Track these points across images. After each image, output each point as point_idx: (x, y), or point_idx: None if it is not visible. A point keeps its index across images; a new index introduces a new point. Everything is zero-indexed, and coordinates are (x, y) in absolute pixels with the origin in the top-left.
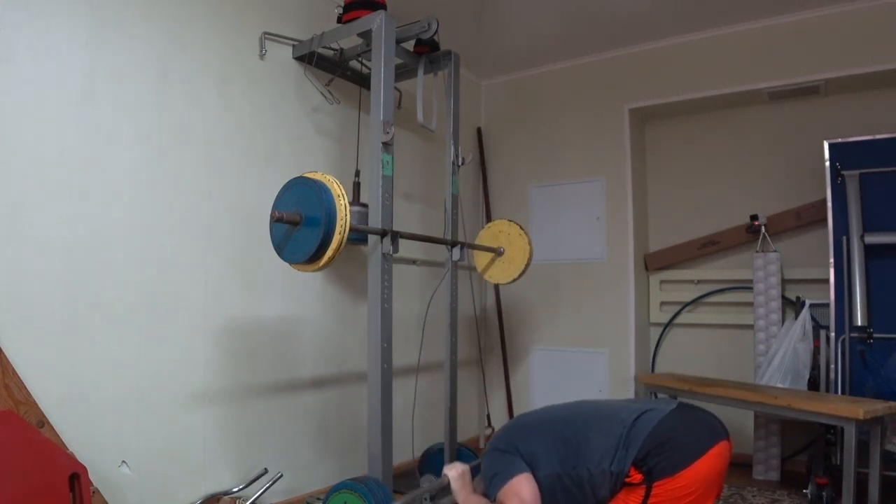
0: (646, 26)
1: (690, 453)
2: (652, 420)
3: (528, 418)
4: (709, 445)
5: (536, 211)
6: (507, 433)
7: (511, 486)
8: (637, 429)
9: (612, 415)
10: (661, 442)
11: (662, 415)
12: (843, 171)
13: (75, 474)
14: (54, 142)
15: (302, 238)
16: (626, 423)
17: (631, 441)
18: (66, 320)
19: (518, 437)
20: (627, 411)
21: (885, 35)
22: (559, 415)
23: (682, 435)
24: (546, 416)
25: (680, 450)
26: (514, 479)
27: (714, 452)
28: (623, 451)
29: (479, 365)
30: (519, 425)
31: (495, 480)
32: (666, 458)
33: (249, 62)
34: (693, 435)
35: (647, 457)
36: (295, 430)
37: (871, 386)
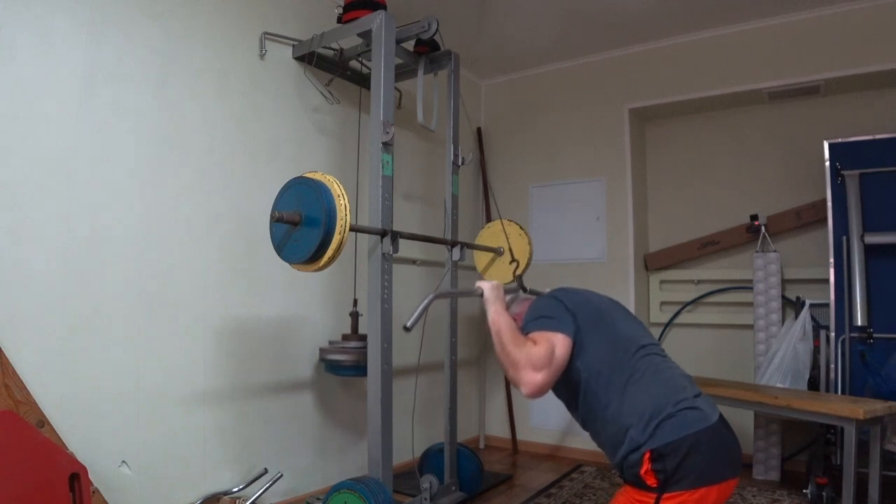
0: (646, 26)
1: (713, 475)
2: (698, 421)
3: (598, 307)
4: (726, 477)
5: (536, 211)
6: (575, 299)
7: (552, 335)
8: (681, 417)
9: (673, 380)
10: (692, 449)
11: (710, 423)
12: (843, 171)
13: (75, 474)
14: (54, 141)
15: (302, 238)
16: (678, 398)
17: (667, 423)
18: (66, 320)
19: (583, 313)
20: (683, 390)
21: (885, 35)
22: (630, 335)
23: (716, 452)
24: (614, 324)
25: (703, 467)
26: (560, 334)
27: (729, 484)
28: (653, 427)
29: (479, 365)
30: (590, 309)
31: (540, 322)
32: (690, 471)
33: (249, 62)
34: (723, 458)
35: (669, 456)
36: (295, 430)
37: (871, 386)
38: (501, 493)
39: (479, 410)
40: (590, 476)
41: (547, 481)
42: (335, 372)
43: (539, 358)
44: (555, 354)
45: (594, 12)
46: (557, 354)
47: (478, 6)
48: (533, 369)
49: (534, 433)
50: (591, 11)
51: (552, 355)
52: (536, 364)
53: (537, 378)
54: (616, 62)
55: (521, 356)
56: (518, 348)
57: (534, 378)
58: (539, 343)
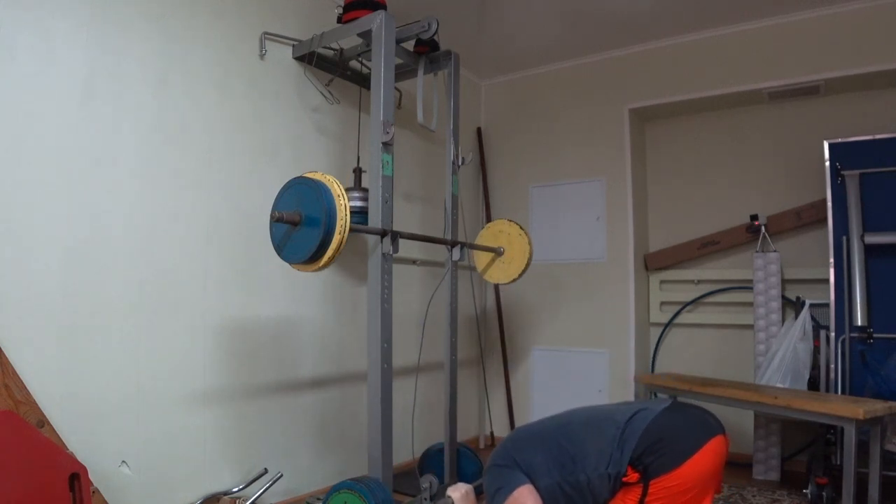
0: (646, 26)
1: (685, 450)
2: (645, 419)
3: (525, 431)
4: (703, 441)
5: (536, 211)
6: (504, 448)
7: (514, 498)
8: (631, 429)
9: (606, 417)
10: (655, 440)
11: (655, 413)
12: (843, 171)
13: (75, 474)
14: (54, 141)
15: (302, 238)
16: (620, 424)
17: (625, 441)
18: (66, 320)
19: (515, 450)
20: (621, 413)
21: (885, 35)
22: (554, 424)
23: (676, 432)
24: (542, 426)
25: (674, 447)
26: (516, 491)
27: (709, 448)
28: (618, 453)
29: (479, 365)
30: (515, 438)
31: (498, 496)
32: (661, 456)
33: (249, 62)
34: (687, 432)
35: (643, 455)
36: (295, 430)
37: (871, 386)
38: None
39: (479, 410)
40: None
41: None
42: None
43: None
44: None
45: (594, 12)
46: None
47: (478, 6)
48: None
49: None
50: (591, 11)
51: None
52: None
53: None
54: (616, 62)
55: None
56: None
57: None
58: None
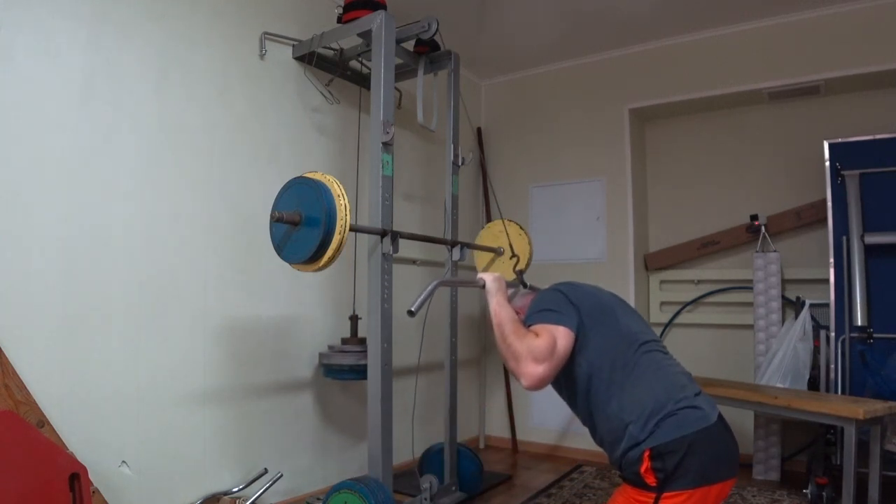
0: (646, 26)
1: (711, 475)
2: (698, 420)
3: (601, 299)
4: (725, 477)
5: (536, 211)
6: (579, 293)
7: (554, 328)
8: (681, 416)
9: (672, 376)
10: (691, 449)
11: (710, 423)
12: (843, 171)
13: (75, 474)
14: (54, 141)
15: (302, 238)
16: (678, 396)
17: (666, 422)
18: (66, 320)
19: (587, 307)
20: (683, 388)
21: (885, 35)
22: (632, 331)
23: (715, 452)
24: (617, 320)
25: (706, 466)
26: (562, 327)
27: (725, 486)
28: (653, 425)
29: (479, 365)
30: (594, 302)
31: (543, 314)
32: (688, 471)
33: (249, 62)
34: (722, 457)
35: (668, 455)
36: (295, 430)
37: (871, 386)
38: (501, 493)
39: (479, 410)
40: (590, 476)
41: (547, 481)
42: (335, 377)
43: (541, 350)
44: (557, 347)
45: (594, 12)
46: (559, 347)
47: (478, 6)
48: (534, 361)
49: (534, 433)
50: (591, 11)
51: (554, 347)
52: (538, 356)
53: (538, 370)
54: (616, 62)
55: (522, 348)
56: (519, 340)
57: (535, 370)
58: (541, 335)
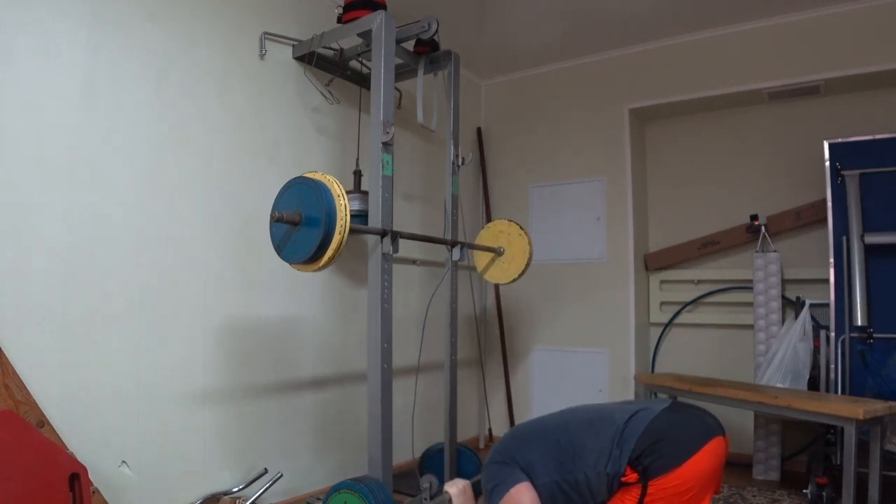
0: (646, 26)
1: (684, 450)
2: (645, 419)
3: (523, 428)
4: (703, 442)
5: (536, 211)
6: (504, 445)
7: (511, 496)
8: (630, 429)
9: (606, 417)
10: (654, 440)
11: (655, 413)
12: (843, 171)
13: (75, 474)
14: (54, 142)
15: (302, 238)
16: (619, 424)
17: (625, 441)
18: (66, 320)
19: (514, 448)
20: (620, 412)
21: (885, 35)
22: (554, 422)
23: (676, 432)
24: (541, 424)
25: (673, 447)
26: (514, 488)
27: (708, 449)
28: (617, 452)
29: (479, 365)
30: (515, 435)
31: (495, 492)
32: (660, 456)
33: (249, 62)
34: (686, 432)
35: (642, 456)
36: (295, 430)
37: (871, 386)
38: None
39: (480, 410)
40: None
41: None
42: None
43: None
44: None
45: (594, 12)
46: (528, 500)
47: (478, 6)
48: None
49: None
50: (591, 11)
51: None
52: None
53: None
54: (616, 62)
55: None
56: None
57: None
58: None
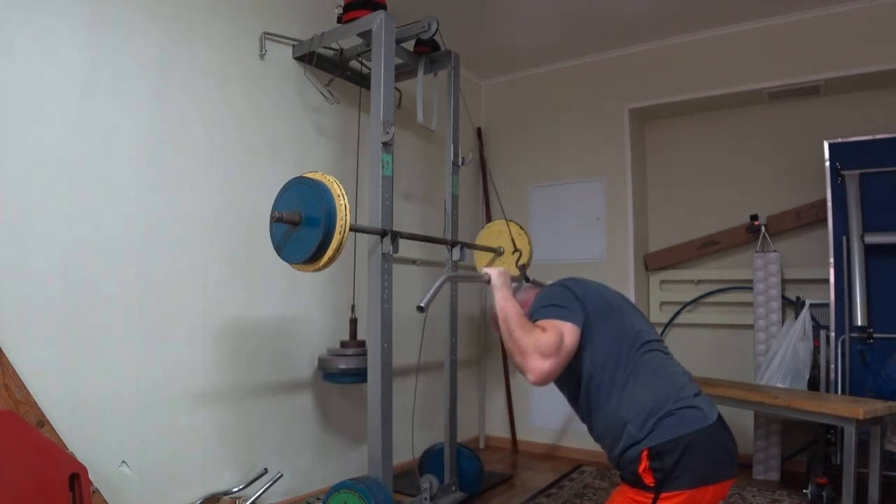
0: (646, 26)
1: (711, 474)
2: (696, 420)
3: (607, 297)
4: (725, 477)
5: (536, 211)
6: (585, 289)
7: (561, 323)
8: (678, 417)
9: (672, 378)
10: (691, 448)
11: (708, 423)
12: (843, 171)
13: (75, 474)
14: (54, 141)
15: (302, 238)
16: (676, 397)
17: (664, 420)
18: (66, 320)
19: (593, 304)
20: (683, 382)
21: (885, 35)
22: (635, 330)
23: (714, 452)
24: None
25: (704, 466)
26: (568, 323)
27: (723, 486)
28: (652, 426)
29: (479, 365)
30: (599, 298)
31: (549, 309)
32: (687, 470)
33: (249, 62)
34: (721, 457)
35: (668, 454)
36: (295, 430)
37: (871, 386)
38: (501, 493)
39: (479, 410)
40: (590, 476)
41: (547, 481)
42: (334, 380)
43: (548, 345)
44: (563, 342)
45: (594, 12)
46: (566, 343)
47: (478, 6)
48: (541, 356)
49: (534, 433)
50: (591, 11)
51: (561, 343)
52: (545, 351)
53: (545, 365)
54: (616, 62)
55: (529, 342)
56: (526, 334)
57: (541, 365)
58: (548, 330)
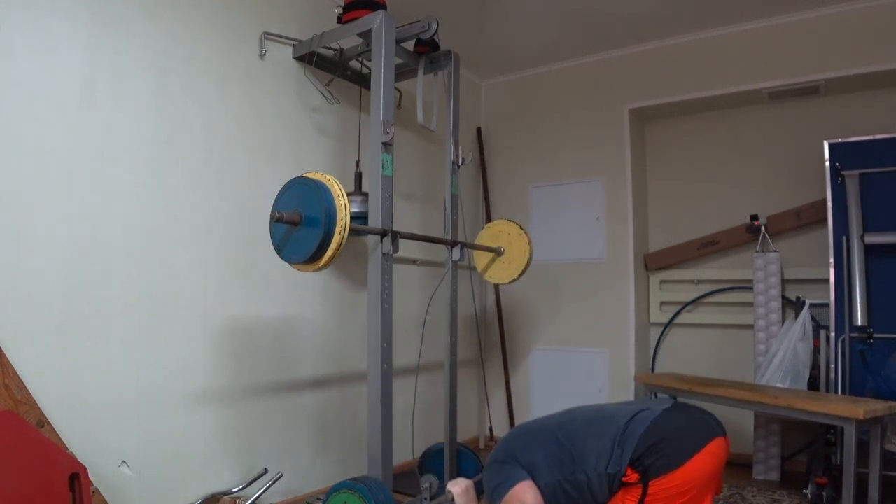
0: (646, 26)
1: (685, 451)
2: (646, 420)
3: (525, 428)
4: (703, 443)
5: (536, 211)
6: (506, 444)
7: (514, 493)
8: (631, 429)
9: (607, 417)
10: (655, 441)
11: (656, 414)
12: (843, 171)
13: (75, 474)
14: (54, 141)
15: (302, 238)
16: (620, 424)
17: (626, 441)
18: (65, 320)
19: (516, 447)
20: (622, 413)
21: (885, 35)
22: (555, 422)
23: (677, 433)
24: (542, 424)
25: (674, 448)
26: (517, 486)
27: (709, 450)
28: (619, 452)
29: (479, 365)
30: (516, 435)
31: (497, 491)
32: (661, 457)
33: (249, 62)
34: (687, 433)
35: (643, 457)
36: (295, 430)
37: (871, 386)
38: None
39: (479, 410)
40: None
41: None
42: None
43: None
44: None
45: (594, 12)
46: (529, 501)
47: (478, 6)
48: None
49: None
50: (591, 11)
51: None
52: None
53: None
54: (616, 62)
55: None
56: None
57: None
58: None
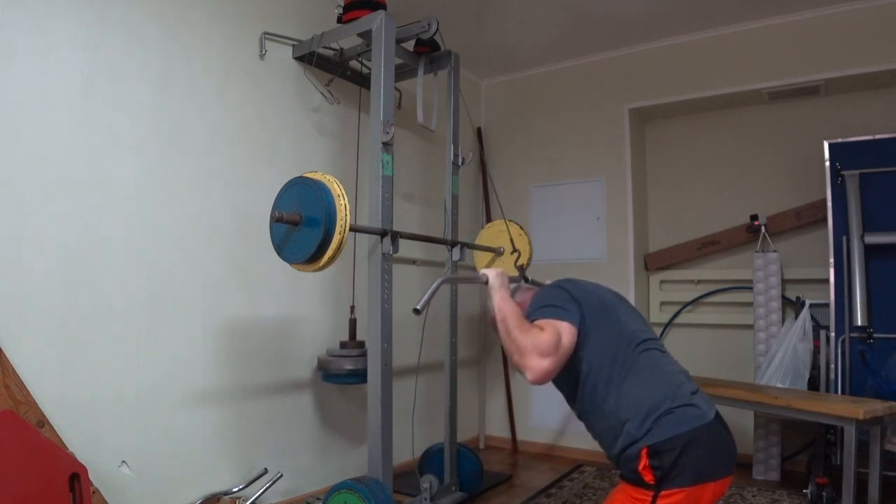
0: (646, 26)
1: (710, 472)
2: (695, 418)
3: (606, 297)
4: (725, 473)
5: (536, 211)
6: (586, 291)
7: (558, 323)
8: (677, 415)
9: (669, 376)
10: (691, 445)
11: (706, 420)
12: (843, 171)
13: (75, 474)
14: (54, 142)
15: (302, 238)
16: (674, 395)
17: (662, 419)
18: (65, 320)
19: (590, 306)
20: (681, 380)
21: (885, 35)
22: (631, 329)
23: (713, 449)
24: (621, 316)
25: (703, 462)
26: (566, 323)
27: (722, 483)
28: (651, 420)
29: (479, 365)
30: (597, 300)
31: (547, 310)
32: (685, 468)
33: (249, 62)
34: (720, 455)
35: (667, 452)
36: (295, 430)
37: (871, 386)
38: (501, 493)
39: (479, 410)
40: (590, 476)
41: (547, 481)
42: (334, 381)
43: (546, 345)
44: (561, 342)
45: (594, 12)
46: (564, 342)
47: (478, 6)
48: (539, 356)
49: (534, 433)
50: (591, 11)
51: (559, 343)
52: (543, 351)
53: (543, 364)
54: (616, 62)
55: (527, 342)
56: (524, 334)
57: (540, 364)
58: (546, 330)
